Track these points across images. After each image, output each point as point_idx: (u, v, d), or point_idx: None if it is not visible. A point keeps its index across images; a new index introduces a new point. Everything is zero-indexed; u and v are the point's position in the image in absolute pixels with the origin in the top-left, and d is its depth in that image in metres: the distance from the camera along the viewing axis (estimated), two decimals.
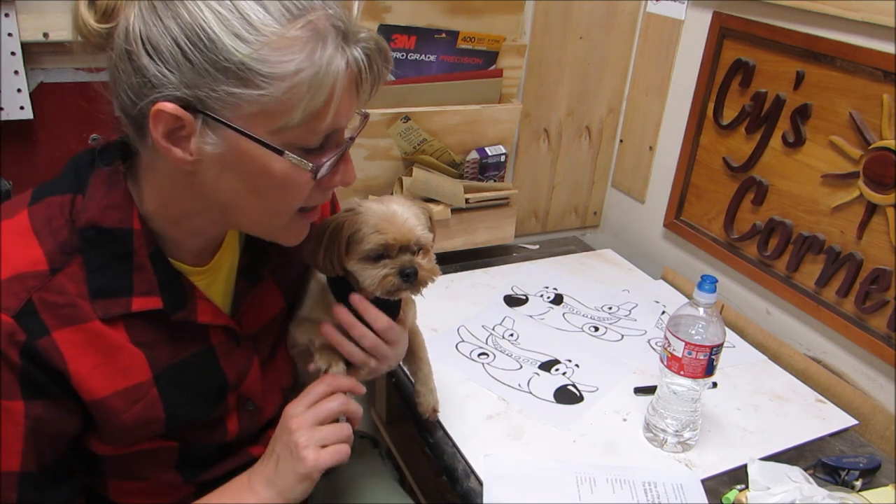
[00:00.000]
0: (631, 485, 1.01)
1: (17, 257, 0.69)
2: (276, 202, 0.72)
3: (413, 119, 1.42)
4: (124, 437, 0.77)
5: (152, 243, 0.74)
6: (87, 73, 1.24)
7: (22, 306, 0.67)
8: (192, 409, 0.81)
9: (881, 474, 1.06)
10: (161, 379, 0.76)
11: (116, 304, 0.72)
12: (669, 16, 1.58)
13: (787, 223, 1.35)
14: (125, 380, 0.74)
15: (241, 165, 0.68)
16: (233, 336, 0.84)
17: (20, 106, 1.19)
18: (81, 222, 0.71)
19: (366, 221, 0.85)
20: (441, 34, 1.41)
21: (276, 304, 0.91)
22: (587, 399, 1.19)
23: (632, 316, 1.46)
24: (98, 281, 0.71)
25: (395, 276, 0.84)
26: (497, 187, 1.58)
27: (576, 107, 1.72)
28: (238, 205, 0.72)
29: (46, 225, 0.71)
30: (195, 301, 0.78)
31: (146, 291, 0.74)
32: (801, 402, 1.23)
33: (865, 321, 1.24)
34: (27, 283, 0.68)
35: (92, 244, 0.71)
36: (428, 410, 1.04)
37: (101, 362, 0.72)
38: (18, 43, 1.15)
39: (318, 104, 0.65)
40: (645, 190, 1.74)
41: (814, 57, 1.26)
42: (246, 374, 0.86)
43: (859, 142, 1.20)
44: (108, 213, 0.72)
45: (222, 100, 0.64)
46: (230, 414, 0.86)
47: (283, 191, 0.70)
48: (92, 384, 0.71)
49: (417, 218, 0.87)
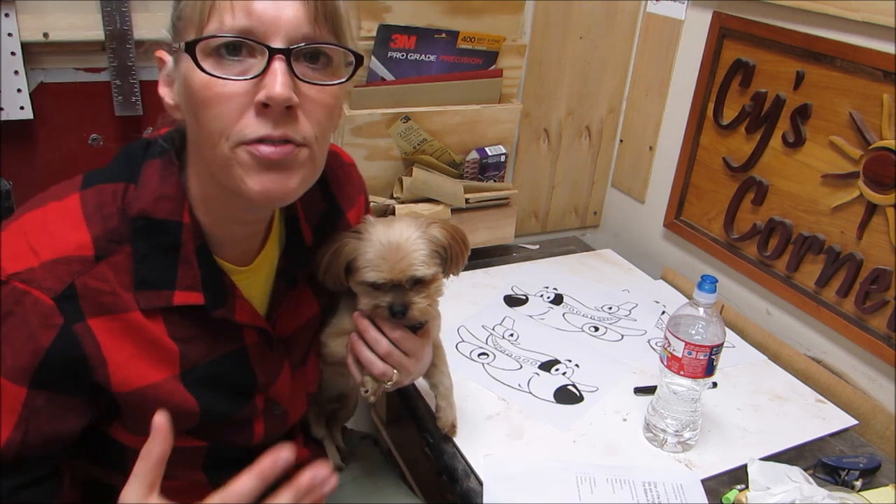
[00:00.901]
0: (631, 485, 1.01)
1: (65, 239, 0.68)
2: (207, 122, 0.66)
3: (413, 119, 1.42)
4: None
5: (199, 238, 0.74)
6: (87, 73, 1.24)
7: (64, 289, 0.66)
8: (223, 405, 0.80)
9: (881, 474, 1.06)
10: (193, 375, 0.76)
11: (159, 296, 0.72)
12: (669, 16, 1.58)
13: (787, 223, 1.35)
14: (159, 372, 0.73)
15: (186, 87, 0.67)
16: (266, 339, 0.83)
17: (20, 106, 1.19)
18: (133, 211, 0.71)
19: (364, 252, 0.85)
20: (441, 34, 1.41)
21: (311, 309, 0.91)
22: (587, 399, 1.19)
23: (632, 316, 1.46)
24: (143, 272, 0.71)
25: (385, 310, 0.85)
26: (497, 187, 1.58)
27: (576, 107, 1.72)
28: (198, 143, 0.70)
29: (97, 211, 0.70)
30: (234, 300, 0.78)
31: (189, 286, 0.73)
32: (801, 402, 1.23)
33: (865, 321, 1.24)
34: (72, 267, 0.67)
35: (141, 234, 0.71)
36: (447, 425, 1.03)
37: (136, 353, 0.71)
38: (18, 43, 1.15)
39: None
40: (645, 190, 1.74)
41: (814, 57, 1.26)
42: (276, 378, 0.86)
43: (859, 142, 1.20)
44: (161, 203, 0.72)
45: (175, 27, 0.68)
46: (258, 416, 0.85)
47: (207, 106, 0.65)
48: (128, 374, 0.71)
49: (419, 253, 0.85)
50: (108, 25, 1.19)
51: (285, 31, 0.64)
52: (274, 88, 0.63)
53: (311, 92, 0.67)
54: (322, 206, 0.90)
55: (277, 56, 0.64)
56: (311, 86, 0.67)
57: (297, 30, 0.65)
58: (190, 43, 0.64)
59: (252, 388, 0.83)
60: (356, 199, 0.98)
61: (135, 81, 1.25)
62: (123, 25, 1.20)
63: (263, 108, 0.65)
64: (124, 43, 1.21)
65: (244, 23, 0.64)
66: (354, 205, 0.97)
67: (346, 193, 0.95)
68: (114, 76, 1.23)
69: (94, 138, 1.28)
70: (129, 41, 1.21)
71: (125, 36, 1.20)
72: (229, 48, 0.65)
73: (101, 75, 1.25)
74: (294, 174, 0.69)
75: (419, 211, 1.46)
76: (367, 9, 1.32)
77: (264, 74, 0.64)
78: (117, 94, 1.24)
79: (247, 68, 0.65)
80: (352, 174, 0.98)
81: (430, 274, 0.86)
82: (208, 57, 0.65)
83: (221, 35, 0.64)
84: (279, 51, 0.64)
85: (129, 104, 1.26)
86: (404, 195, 1.46)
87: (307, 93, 0.67)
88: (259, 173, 0.67)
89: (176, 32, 0.69)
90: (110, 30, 1.19)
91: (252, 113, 0.65)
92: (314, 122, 0.68)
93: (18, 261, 0.67)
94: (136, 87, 1.25)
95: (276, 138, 0.66)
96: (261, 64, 0.64)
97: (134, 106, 1.26)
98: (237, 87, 0.65)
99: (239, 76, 0.65)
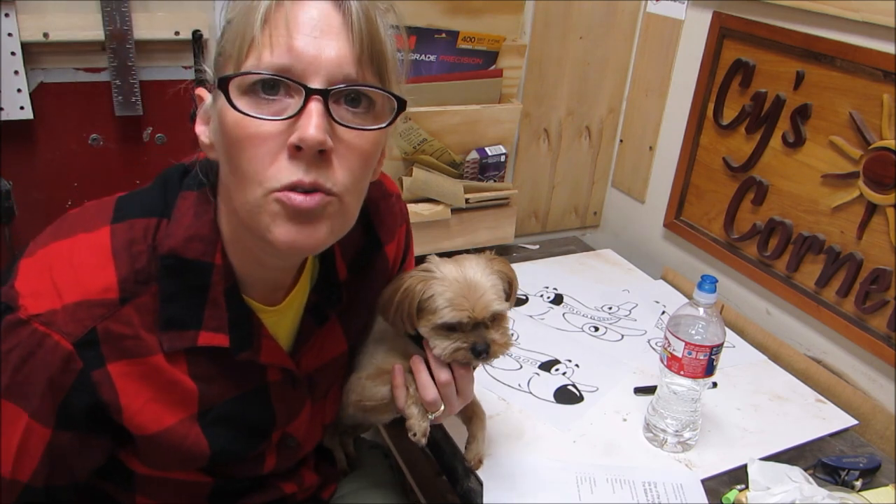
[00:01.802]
0: (631, 485, 1.01)
1: (90, 281, 0.66)
2: (239, 164, 0.64)
3: (413, 119, 1.42)
4: (169, 465, 0.76)
5: (230, 279, 0.72)
6: (87, 73, 1.24)
7: (84, 334, 0.65)
8: (237, 444, 0.79)
9: (881, 474, 1.06)
10: (211, 414, 0.74)
11: (183, 337, 0.70)
12: (669, 16, 1.58)
13: (787, 223, 1.35)
14: (175, 415, 0.72)
15: (221, 126, 0.65)
16: (290, 377, 0.81)
17: (20, 106, 1.19)
18: (164, 249, 0.69)
19: (441, 292, 0.82)
20: (441, 34, 1.41)
21: (339, 347, 0.88)
22: (587, 399, 1.19)
23: (632, 316, 1.46)
24: (169, 311, 0.69)
25: (468, 352, 0.83)
26: (497, 187, 1.58)
27: (576, 107, 1.72)
28: (229, 187, 0.67)
29: (127, 249, 0.68)
30: (260, 340, 0.76)
31: (215, 328, 0.71)
32: (801, 402, 1.23)
33: (865, 321, 1.24)
34: (94, 312, 0.66)
35: (170, 273, 0.69)
36: (474, 459, 1.01)
37: (153, 397, 0.70)
38: (18, 43, 1.15)
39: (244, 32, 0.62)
40: (645, 190, 1.73)
41: (814, 57, 1.26)
42: (297, 416, 0.84)
43: (859, 142, 1.20)
44: (192, 244, 0.69)
45: (216, 63, 0.66)
46: (271, 450, 0.84)
47: (240, 148, 0.63)
48: (145, 419, 0.70)
49: (495, 289, 0.84)
50: (108, 25, 1.19)
51: (326, 70, 0.62)
52: (308, 130, 0.60)
53: (348, 136, 0.64)
54: (361, 241, 0.87)
55: (314, 97, 0.61)
56: (348, 130, 0.64)
57: (339, 70, 0.62)
58: (223, 79, 0.61)
59: (270, 427, 0.81)
60: (396, 232, 0.94)
61: (135, 81, 1.25)
62: (123, 25, 1.20)
63: (296, 152, 0.61)
64: (124, 43, 1.21)
65: (283, 60, 0.61)
66: (394, 238, 0.93)
67: (387, 226, 0.91)
68: (114, 76, 1.23)
69: (94, 138, 1.28)
70: (129, 41, 1.21)
71: (125, 36, 1.20)
72: (266, 86, 0.62)
73: (101, 75, 1.25)
74: (322, 225, 0.65)
75: (419, 211, 1.46)
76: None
77: (299, 115, 0.61)
78: (117, 94, 1.24)
79: (283, 108, 0.62)
80: (394, 206, 0.93)
81: (505, 308, 0.85)
82: (244, 95, 0.62)
83: (255, 72, 0.61)
84: (316, 91, 0.61)
85: (129, 104, 1.26)
86: (404, 195, 1.46)
87: (343, 137, 0.64)
88: (286, 223, 0.63)
89: (216, 68, 0.66)
90: (110, 30, 1.19)
91: (285, 156, 0.62)
92: (347, 170, 0.65)
93: (41, 300, 0.65)
94: (136, 87, 1.25)
95: (308, 185, 0.62)
96: (297, 104, 0.61)
97: (134, 106, 1.26)
98: (271, 127, 0.61)
99: (274, 116, 0.62)
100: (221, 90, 0.62)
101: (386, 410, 0.91)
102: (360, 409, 0.92)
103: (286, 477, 0.90)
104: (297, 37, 0.61)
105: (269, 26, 0.61)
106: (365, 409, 0.92)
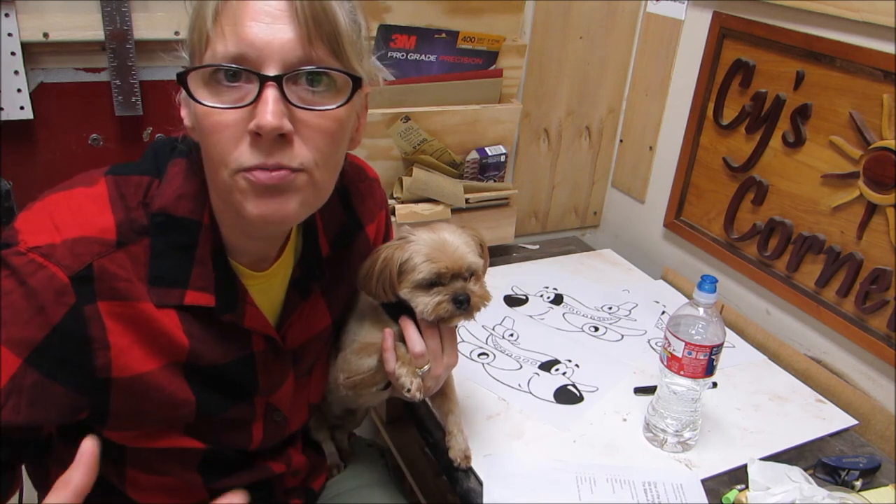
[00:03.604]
0: (631, 485, 1.01)
1: (89, 220, 0.69)
2: (207, 149, 0.67)
3: (413, 119, 1.42)
4: (155, 419, 0.76)
5: (217, 240, 0.75)
6: (87, 73, 1.24)
7: (81, 269, 0.67)
8: (221, 400, 0.80)
9: (881, 474, 1.06)
10: (196, 369, 0.76)
11: (171, 294, 0.72)
12: (669, 16, 1.58)
13: (787, 223, 1.35)
14: (160, 360, 0.73)
15: (191, 113, 0.68)
16: (274, 347, 0.83)
17: (20, 106, 1.19)
18: (154, 207, 0.71)
19: (417, 251, 0.86)
20: (441, 34, 1.41)
21: (323, 321, 0.91)
22: (587, 399, 1.19)
23: (632, 316, 1.46)
24: (158, 267, 0.71)
25: (449, 303, 0.87)
26: (497, 187, 1.58)
27: (576, 107, 1.72)
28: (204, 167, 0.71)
29: (122, 200, 0.71)
30: (245, 305, 0.78)
31: (201, 287, 0.74)
32: (801, 402, 1.23)
33: (865, 321, 1.24)
34: (92, 248, 0.68)
35: (160, 230, 0.71)
36: (459, 455, 1.01)
37: (140, 340, 0.71)
38: (18, 43, 1.15)
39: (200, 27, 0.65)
40: (645, 190, 1.74)
41: (814, 57, 1.26)
42: (279, 387, 0.86)
43: (859, 142, 1.20)
44: (182, 202, 0.72)
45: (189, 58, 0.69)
46: (257, 420, 0.85)
47: (207, 134, 0.66)
48: (129, 359, 0.71)
49: (468, 245, 0.89)
50: (108, 25, 1.19)
51: (279, 55, 0.63)
52: (264, 117, 0.62)
53: (308, 117, 0.66)
54: (342, 219, 0.90)
55: (268, 83, 0.63)
56: (308, 111, 0.66)
57: (291, 54, 0.64)
58: (180, 74, 0.65)
59: (252, 393, 0.83)
60: (376, 215, 0.97)
61: (135, 81, 1.25)
62: (123, 25, 1.20)
63: (257, 137, 0.64)
64: (124, 43, 1.21)
65: (237, 49, 0.63)
66: (374, 220, 0.97)
67: (367, 208, 0.95)
68: (114, 76, 1.23)
69: (94, 138, 1.28)
70: (129, 41, 1.21)
71: (125, 36, 1.20)
72: (227, 74, 0.64)
73: (101, 75, 1.25)
74: (291, 198, 0.68)
75: (419, 211, 1.46)
76: (367, 9, 1.31)
77: (257, 102, 0.63)
78: (117, 94, 1.24)
79: (243, 95, 0.64)
80: (374, 189, 0.98)
81: (479, 265, 0.90)
82: (206, 85, 0.65)
83: (207, 65, 0.64)
84: (269, 78, 0.63)
85: (129, 104, 1.26)
86: (404, 195, 1.46)
87: (303, 118, 0.66)
88: (256, 198, 0.66)
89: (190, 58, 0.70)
90: (110, 30, 1.19)
91: (247, 141, 0.64)
92: (312, 148, 0.67)
93: (40, 235, 0.67)
94: (136, 87, 1.25)
95: (270, 166, 0.65)
96: (254, 91, 0.63)
97: (134, 106, 1.26)
98: (232, 115, 0.64)
99: (233, 104, 0.64)
100: (181, 84, 0.65)
101: (373, 381, 0.93)
102: (349, 386, 0.94)
103: (273, 456, 0.92)
104: (248, 24, 0.63)
105: (220, 19, 0.64)
106: (354, 384, 0.94)
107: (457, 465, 1.01)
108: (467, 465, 1.01)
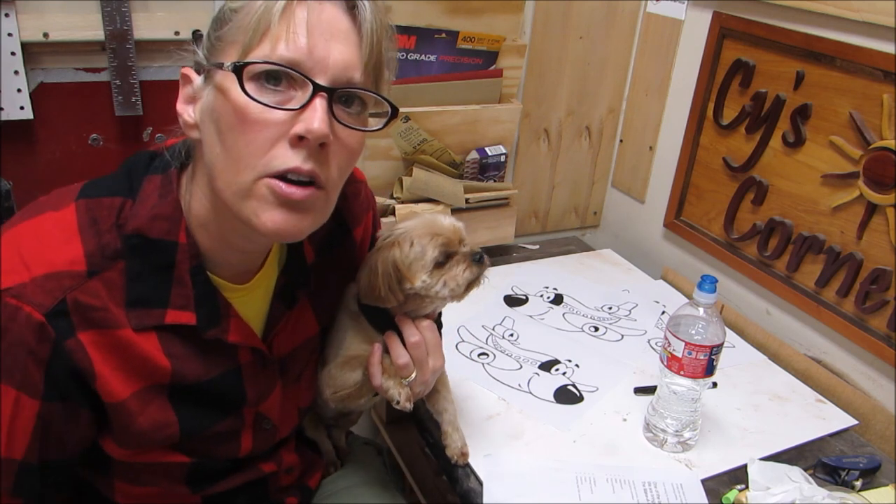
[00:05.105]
0: (631, 485, 1.01)
1: (57, 254, 0.68)
2: (234, 146, 0.66)
3: (413, 119, 1.42)
4: (141, 442, 0.76)
5: (195, 258, 0.73)
6: (87, 73, 1.24)
7: (55, 305, 0.66)
8: (206, 420, 0.80)
9: (881, 474, 1.06)
10: (180, 389, 0.76)
11: (150, 315, 0.72)
12: (669, 16, 1.58)
13: (787, 223, 1.35)
14: (142, 382, 0.73)
15: (217, 107, 0.67)
16: (261, 357, 0.83)
17: (20, 106, 1.19)
18: (128, 229, 0.70)
19: (417, 239, 0.86)
20: (441, 34, 1.41)
21: (310, 329, 0.91)
22: (587, 399, 1.19)
23: (632, 316, 1.46)
24: (136, 290, 0.71)
25: (473, 266, 0.87)
26: (497, 187, 1.58)
27: (576, 107, 1.72)
28: (215, 166, 0.69)
29: (92, 225, 0.70)
30: (228, 319, 0.77)
31: (181, 305, 0.73)
32: (801, 402, 1.23)
33: (865, 321, 1.24)
34: (63, 283, 0.67)
35: (135, 252, 0.71)
36: (456, 453, 1.01)
37: (122, 366, 0.71)
38: (18, 43, 1.15)
39: (259, 22, 0.64)
40: (645, 190, 1.74)
41: (814, 57, 1.26)
42: (267, 396, 0.85)
43: (859, 142, 1.20)
44: (157, 223, 0.71)
45: (212, 47, 0.69)
46: (245, 430, 0.85)
47: (240, 131, 0.65)
48: (114, 386, 0.71)
49: (447, 215, 0.90)
50: (108, 25, 1.19)
51: (332, 70, 0.65)
52: (313, 123, 0.64)
53: (343, 134, 0.68)
54: (328, 226, 0.89)
55: (320, 93, 0.65)
56: (344, 128, 0.68)
57: (343, 73, 0.66)
58: (239, 65, 0.64)
59: (240, 405, 0.83)
60: (363, 218, 0.97)
61: (135, 81, 1.24)
62: (123, 25, 1.20)
63: (298, 142, 0.65)
64: (124, 43, 1.21)
65: (293, 55, 0.64)
66: (361, 223, 0.96)
67: (354, 211, 0.95)
68: (114, 76, 1.23)
69: (94, 138, 1.28)
70: (129, 41, 1.21)
71: (125, 36, 1.20)
72: (270, 77, 0.65)
73: (101, 75, 1.24)
74: (308, 216, 0.69)
75: (419, 211, 1.46)
76: None
77: (304, 108, 0.64)
78: (117, 94, 1.24)
79: (286, 99, 0.65)
80: (361, 191, 0.97)
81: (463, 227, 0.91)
82: (249, 81, 0.65)
83: (273, 63, 0.64)
84: (324, 88, 0.65)
85: (129, 104, 1.26)
86: (404, 195, 1.46)
87: (339, 134, 0.68)
88: (275, 209, 0.67)
89: (212, 52, 0.69)
90: (110, 30, 1.19)
91: (285, 145, 0.65)
92: (336, 165, 0.69)
93: (11, 275, 0.66)
94: (136, 87, 1.25)
95: (305, 172, 0.66)
96: (303, 97, 0.65)
97: (134, 106, 1.26)
98: (275, 115, 0.64)
99: (279, 105, 0.65)
100: (236, 74, 0.64)
101: (360, 395, 0.93)
102: (337, 399, 0.94)
103: (264, 458, 0.91)
104: (311, 35, 0.64)
105: (285, 20, 0.64)
106: (341, 398, 0.94)
107: (454, 463, 1.01)
108: (465, 463, 1.01)
